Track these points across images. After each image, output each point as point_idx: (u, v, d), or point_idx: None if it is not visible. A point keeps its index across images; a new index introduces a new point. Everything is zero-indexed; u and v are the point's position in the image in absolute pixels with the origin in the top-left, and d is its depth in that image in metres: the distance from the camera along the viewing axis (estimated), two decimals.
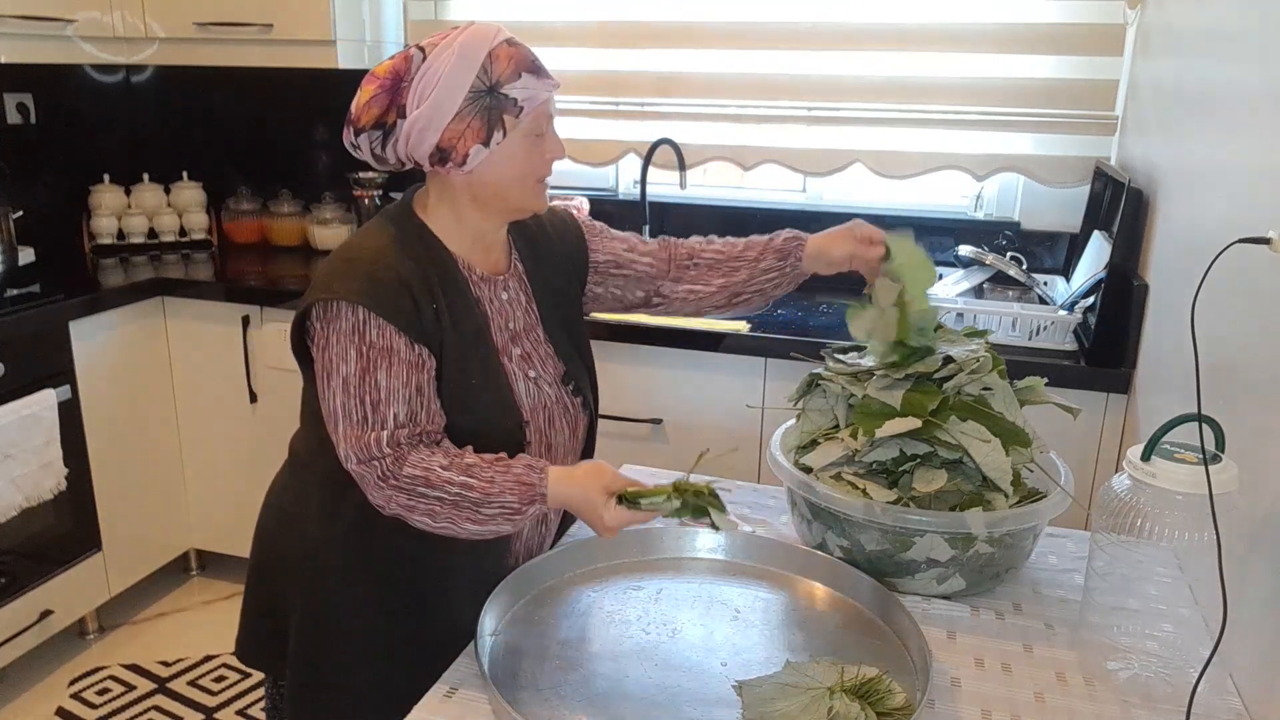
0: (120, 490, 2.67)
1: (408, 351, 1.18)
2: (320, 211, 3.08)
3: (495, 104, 1.17)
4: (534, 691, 1.10)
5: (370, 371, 1.16)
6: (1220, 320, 1.39)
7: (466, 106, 1.16)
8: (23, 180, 2.91)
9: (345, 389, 1.16)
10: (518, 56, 1.19)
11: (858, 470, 1.31)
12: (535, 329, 1.35)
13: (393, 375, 1.17)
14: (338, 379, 1.17)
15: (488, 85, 1.16)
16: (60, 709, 2.42)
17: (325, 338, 1.18)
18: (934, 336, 1.35)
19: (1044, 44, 2.43)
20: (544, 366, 1.34)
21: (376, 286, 1.16)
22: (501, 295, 1.31)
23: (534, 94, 1.19)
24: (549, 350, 1.35)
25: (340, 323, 1.17)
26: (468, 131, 1.17)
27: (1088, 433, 2.11)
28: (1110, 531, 1.12)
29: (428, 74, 1.17)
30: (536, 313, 1.35)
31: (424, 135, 1.18)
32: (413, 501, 1.16)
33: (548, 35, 2.78)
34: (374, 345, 1.16)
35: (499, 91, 1.17)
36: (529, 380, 1.31)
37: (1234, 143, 1.50)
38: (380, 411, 1.16)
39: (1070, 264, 2.53)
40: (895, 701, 1.05)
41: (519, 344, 1.32)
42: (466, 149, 1.17)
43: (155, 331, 2.74)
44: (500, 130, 1.18)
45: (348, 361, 1.16)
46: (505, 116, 1.17)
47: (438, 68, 1.16)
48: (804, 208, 2.84)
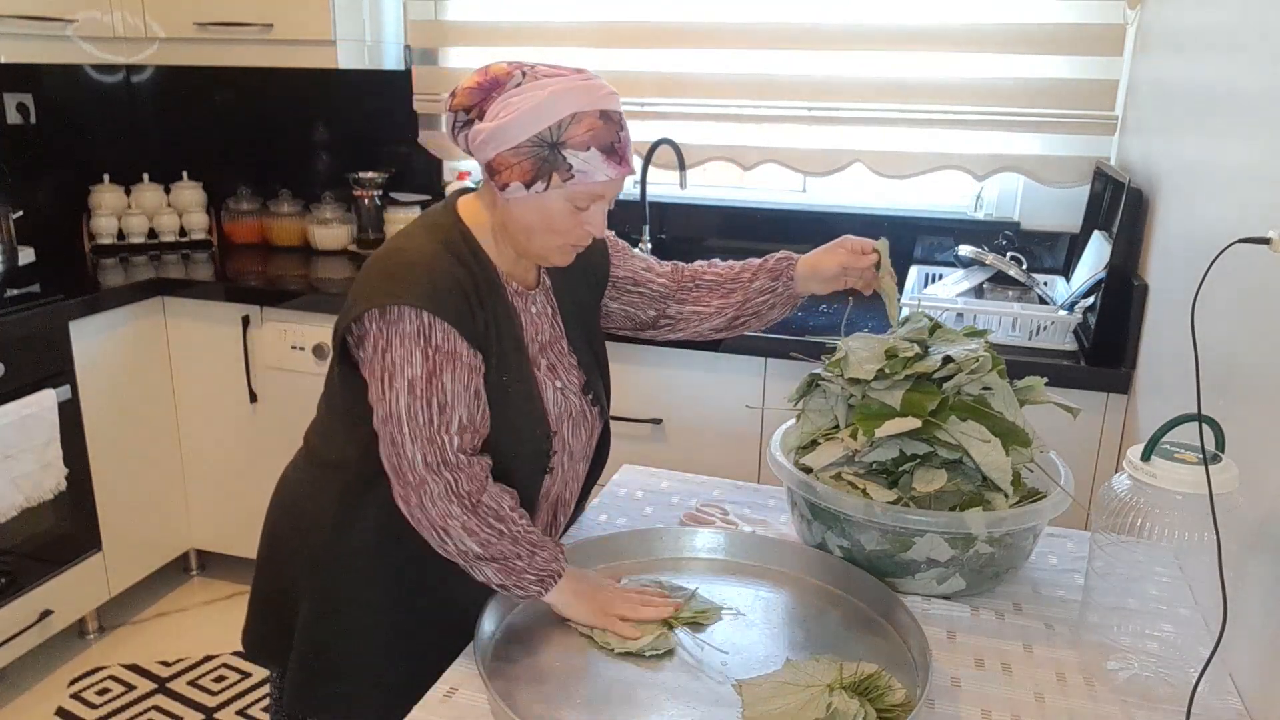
0: (120, 490, 2.67)
1: (468, 355, 1.20)
2: (320, 211, 3.08)
3: (551, 159, 1.16)
4: (534, 692, 1.10)
5: (437, 375, 1.17)
6: (1220, 320, 1.39)
7: (525, 146, 1.16)
8: (23, 180, 2.91)
9: (411, 391, 1.16)
10: (599, 132, 1.17)
11: (858, 470, 1.31)
12: (560, 341, 1.37)
13: (456, 379, 1.18)
14: (402, 381, 1.17)
15: (553, 140, 1.16)
16: (60, 709, 2.42)
17: (386, 340, 1.18)
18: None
19: (1044, 44, 2.43)
20: (568, 377, 1.36)
21: (438, 291, 1.18)
22: (532, 309, 1.33)
23: (592, 171, 1.17)
24: (572, 361, 1.37)
25: (404, 325, 1.17)
26: (516, 167, 1.17)
27: (1088, 433, 2.11)
28: (1110, 531, 1.12)
29: (512, 99, 1.16)
30: (561, 326, 1.37)
31: (484, 147, 1.19)
32: (478, 528, 1.17)
33: (548, 35, 2.78)
34: (439, 349, 1.17)
35: (560, 151, 1.16)
36: (556, 390, 1.33)
37: (1234, 143, 1.50)
38: (446, 414, 1.17)
39: (1070, 264, 2.53)
40: (895, 698, 1.05)
41: (546, 355, 1.34)
42: (509, 180, 1.18)
43: (155, 331, 2.74)
44: (544, 182, 1.17)
45: (413, 364, 1.16)
46: (555, 174, 1.17)
47: (522, 99, 1.16)
48: (804, 208, 2.84)
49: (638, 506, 1.59)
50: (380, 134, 3.12)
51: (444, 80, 2.94)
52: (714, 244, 2.89)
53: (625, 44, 2.72)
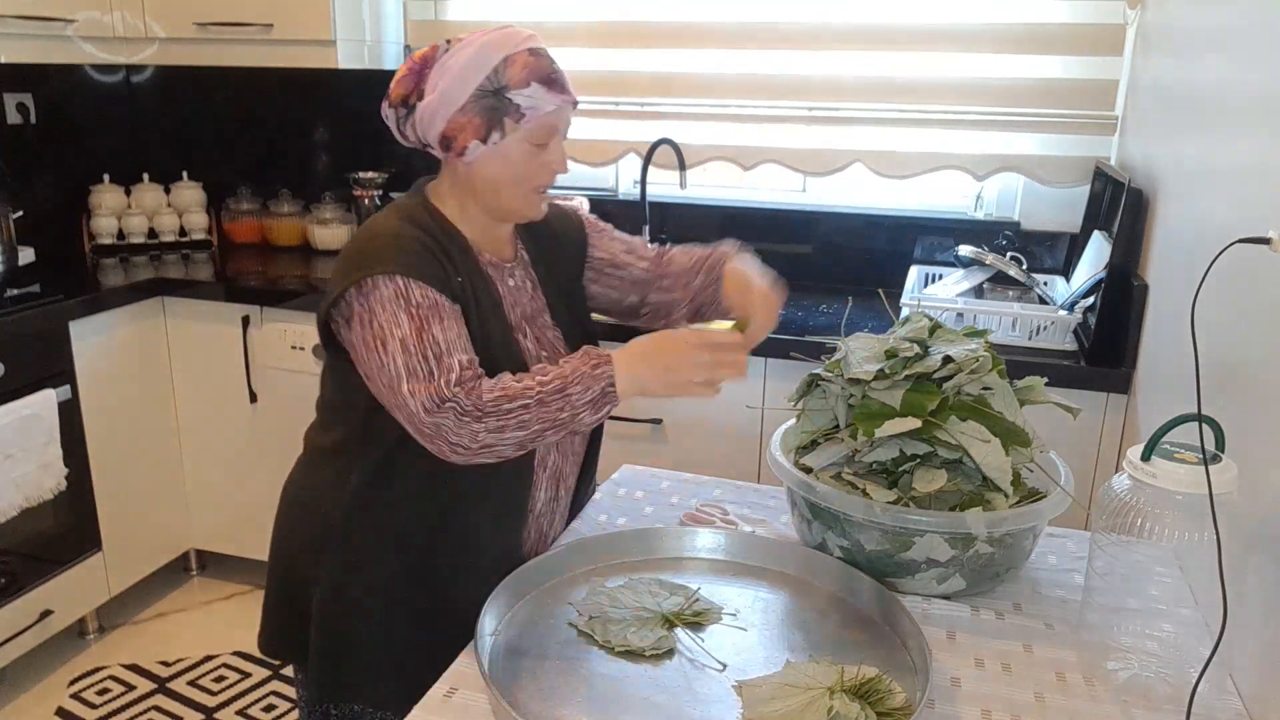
0: (120, 490, 2.67)
1: (450, 306, 1.22)
2: (320, 211, 3.08)
3: (499, 105, 1.21)
4: (534, 691, 1.10)
5: (426, 328, 1.18)
6: (1220, 320, 1.39)
7: (471, 103, 1.21)
8: (23, 180, 2.91)
9: (404, 349, 1.17)
10: (534, 66, 1.22)
11: (858, 470, 1.31)
12: (543, 314, 1.38)
13: (445, 327, 1.19)
14: (394, 343, 1.18)
15: (495, 87, 1.21)
16: (60, 709, 2.42)
17: (368, 311, 1.19)
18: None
19: (1044, 44, 2.43)
20: (555, 350, 1.37)
21: (407, 255, 1.20)
22: (509, 281, 1.35)
23: (539, 104, 1.22)
24: (557, 334, 1.39)
25: (381, 292, 1.19)
26: (468, 126, 1.22)
27: (1088, 433, 2.11)
28: (1110, 531, 1.12)
29: (445, 65, 1.22)
30: (544, 299, 1.39)
31: (433, 121, 1.23)
32: (502, 421, 1.17)
33: (548, 35, 2.77)
34: (421, 305, 1.19)
35: (504, 95, 1.21)
36: (541, 359, 1.34)
37: (1234, 143, 1.50)
38: (445, 362, 1.18)
39: (1070, 264, 2.53)
40: (895, 701, 1.05)
41: (530, 328, 1.35)
42: (466, 142, 1.22)
43: (155, 331, 2.74)
44: (499, 131, 1.22)
45: (400, 325, 1.18)
46: (506, 120, 1.22)
47: (454, 61, 1.21)
48: (804, 208, 2.84)
49: (638, 506, 1.59)
50: (380, 134, 3.07)
51: None
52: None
53: (625, 44, 2.72)
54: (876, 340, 1.38)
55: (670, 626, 1.21)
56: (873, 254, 2.77)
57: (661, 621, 1.21)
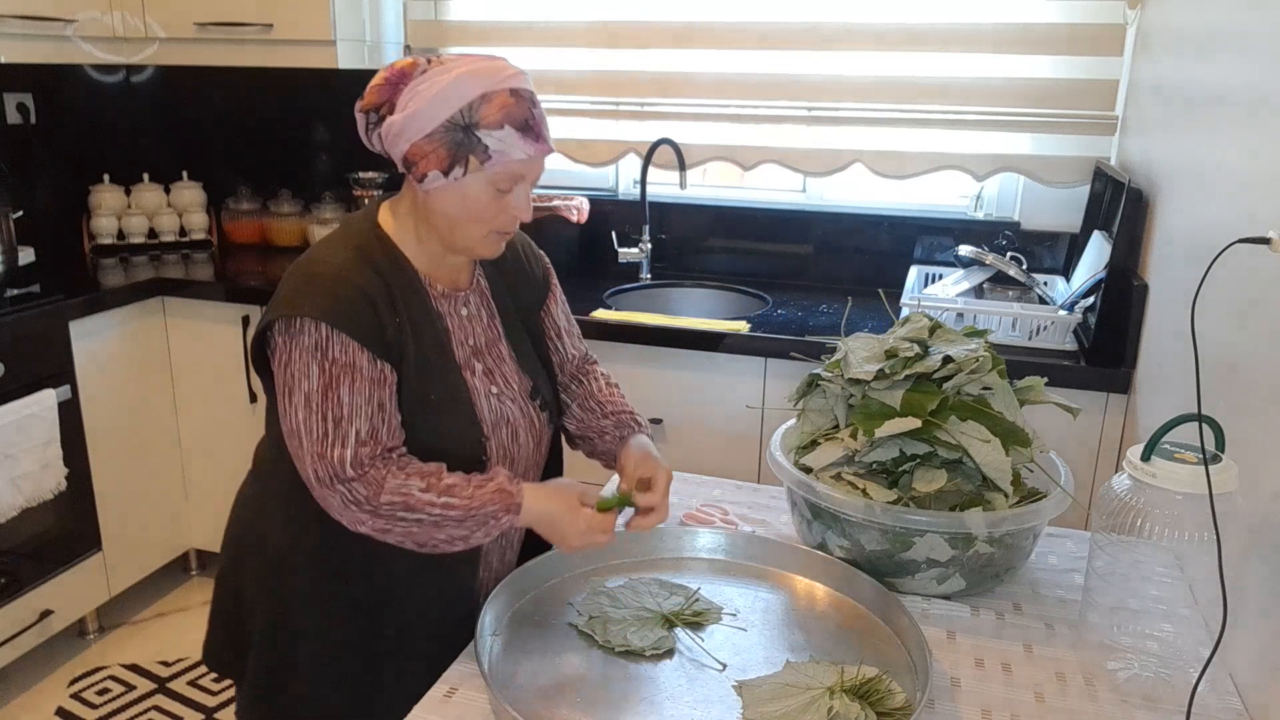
0: (120, 490, 2.67)
1: (370, 368, 1.17)
2: (320, 211, 3.08)
3: (466, 142, 1.15)
4: (534, 691, 1.10)
5: (333, 388, 1.15)
6: (1220, 320, 1.39)
7: (439, 132, 1.15)
8: (23, 180, 2.91)
9: (307, 405, 1.15)
10: (511, 109, 1.16)
11: (858, 470, 1.31)
12: (498, 344, 1.33)
13: (355, 391, 1.16)
14: (299, 395, 1.16)
15: (465, 122, 1.15)
16: (60, 709, 2.42)
17: (287, 353, 1.17)
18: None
19: (1044, 44, 2.43)
20: (507, 382, 1.32)
21: (339, 303, 1.16)
22: (462, 311, 1.30)
23: (508, 150, 1.16)
24: (513, 366, 1.34)
25: (303, 338, 1.16)
26: (432, 155, 1.16)
27: (1088, 433, 2.11)
28: (1110, 531, 1.12)
29: (419, 87, 1.16)
30: (499, 328, 1.34)
31: (397, 140, 1.18)
32: (390, 525, 1.16)
33: (548, 35, 2.78)
34: (336, 361, 1.16)
35: (473, 132, 1.15)
36: (491, 396, 1.30)
37: (1234, 143, 1.50)
38: (342, 428, 1.15)
39: (1070, 264, 2.53)
40: (895, 702, 1.05)
41: (481, 359, 1.31)
42: (426, 170, 1.17)
43: (155, 331, 2.74)
44: (462, 167, 1.16)
45: (309, 378, 1.15)
46: (471, 157, 1.16)
47: (429, 86, 1.15)
48: (804, 208, 2.84)
49: None
50: None
51: None
52: (714, 244, 2.89)
53: (625, 44, 2.72)
54: (876, 340, 1.38)
55: (670, 626, 1.21)
56: (873, 254, 2.77)
57: (661, 621, 1.21)
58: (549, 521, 1.20)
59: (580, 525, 1.20)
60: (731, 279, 2.83)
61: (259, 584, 1.33)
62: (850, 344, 1.39)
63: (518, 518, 1.19)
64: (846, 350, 1.37)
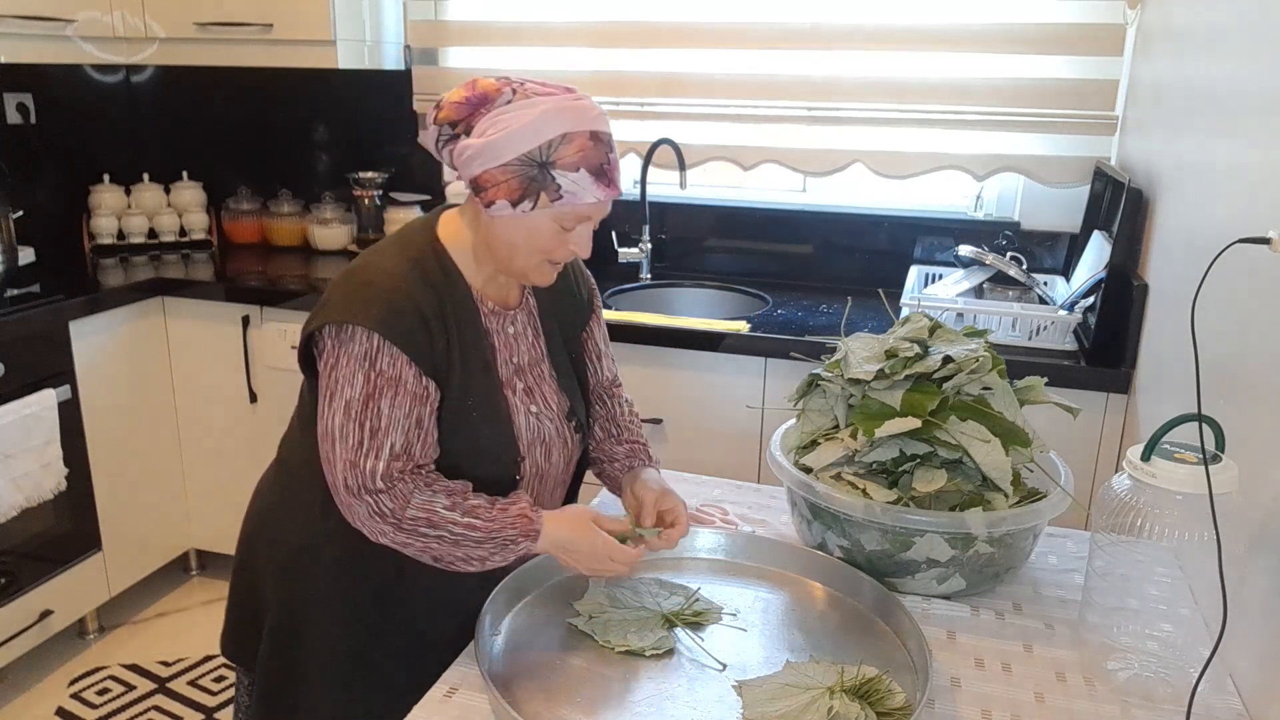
0: (120, 490, 2.67)
1: (415, 383, 1.18)
2: (320, 211, 3.08)
3: (540, 178, 1.15)
4: (534, 691, 1.10)
5: (374, 399, 1.16)
6: (1220, 320, 1.39)
7: (514, 164, 1.15)
8: (23, 180, 2.91)
9: (346, 412, 1.16)
10: (590, 152, 1.16)
11: (858, 470, 1.31)
12: (540, 363, 1.34)
13: (395, 405, 1.17)
14: (340, 401, 1.16)
15: (542, 160, 1.15)
16: (60, 709, 2.42)
17: (335, 357, 1.18)
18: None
19: (1044, 44, 2.43)
20: (546, 402, 1.33)
21: (393, 315, 1.17)
22: (509, 329, 1.31)
23: (580, 194, 1.16)
24: (553, 385, 1.35)
25: (353, 346, 1.16)
26: (503, 185, 1.15)
27: (1088, 433, 2.11)
28: (1110, 531, 1.12)
29: (502, 116, 1.15)
30: (543, 347, 1.35)
31: (470, 163, 1.17)
32: (411, 540, 1.17)
33: (548, 35, 2.78)
34: (383, 373, 1.16)
35: (549, 170, 1.15)
36: (530, 415, 1.31)
37: (1234, 143, 1.50)
38: (378, 439, 1.16)
39: (1070, 264, 2.53)
40: (895, 701, 1.05)
41: (523, 378, 1.31)
42: (495, 198, 1.16)
43: (155, 331, 2.74)
44: (531, 201, 1.16)
45: (353, 385, 1.16)
46: (542, 194, 1.16)
47: (513, 118, 1.14)
48: (804, 208, 2.84)
49: None
50: (380, 134, 3.12)
51: (444, 80, 2.94)
52: (714, 244, 2.89)
53: (625, 44, 2.72)
54: (876, 340, 1.38)
55: (670, 626, 1.21)
56: (873, 254, 2.77)
57: (661, 621, 1.21)
58: (567, 548, 1.21)
59: (600, 551, 1.21)
60: (731, 279, 2.83)
61: (275, 578, 1.34)
62: (850, 344, 1.39)
63: (535, 544, 1.20)
64: (846, 350, 1.37)
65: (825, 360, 1.42)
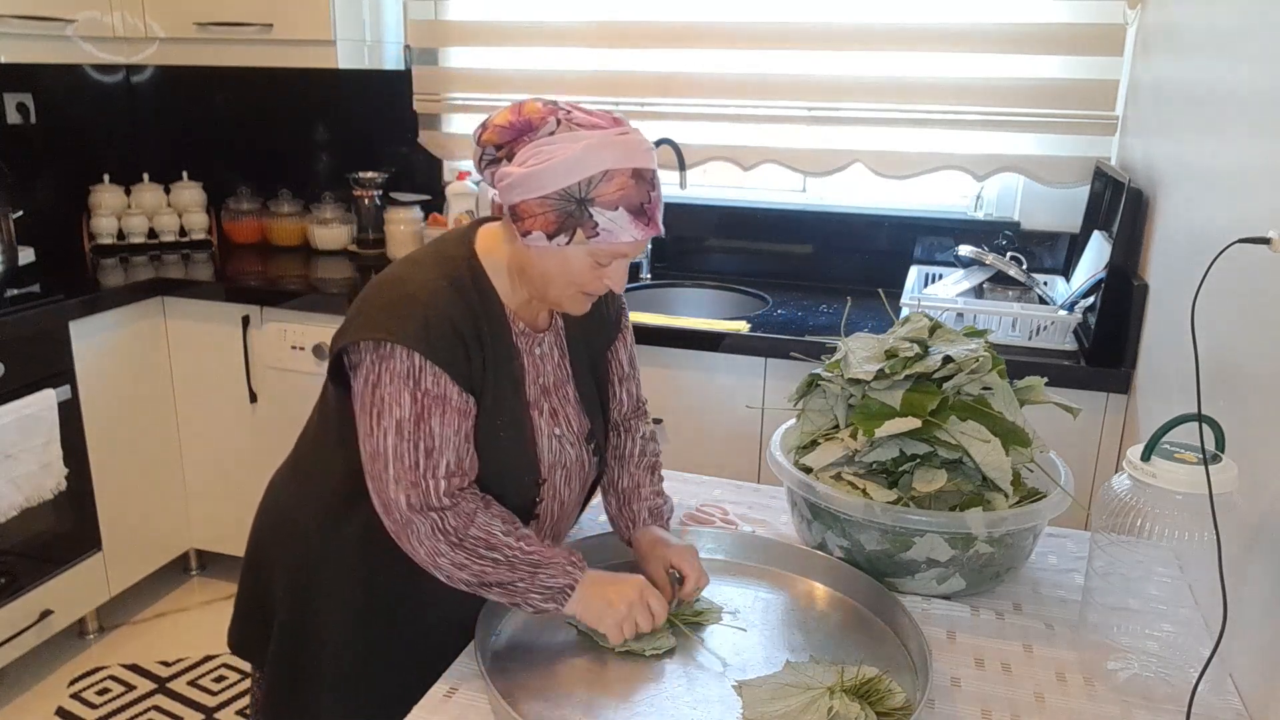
0: (120, 490, 2.67)
1: (459, 400, 1.18)
2: (320, 211, 3.08)
3: (577, 214, 1.13)
4: (534, 691, 1.10)
5: (425, 419, 1.15)
6: (1220, 320, 1.39)
7: (553, 198, 1.13)
8: (23, 180, 2.91)
9: (399, 432, 1.15)
10: (630, 193, 1.13)
11: (858, 470, 1.31)
12: (565, 385, 1.33)
13: (445, 423, 1.16)
14: (389, 420, 1.15)
15: (581, 196, 1.12)
16: (60, 709, 2.42)
17: (377, 375, 1.16)
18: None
19: (1044, 44, 2.43)
20: (569, 424, 1.32)
21: (432, 333, 1.16)
22: (536, 350, 1.30)
23: (617, 231, 1.14)
24: (577, 408, 1.34)
25: (394, 364, 1.15)
26: (540, 217, 1.14)
27: (1088, 433, 2.11)
28: (1110, 531, 1.12)
29: (546, 148, 1.13)
30: (568, 369, 1.34)
31: (510, 190, 1.16)
32: (468, 560, 1.16)
33: (548, 35, 2.78)
34: (429, 392, 1.16)
35: (587, 208, 1.13)
36: (553, 438, 1.30)
37: (1234, 143, 1.50)
38: (434, 458, 1.15)
39: (1070, 264, 2.53)
40: (895, 701, 1.05)
41: (549, 399, 1.30)
42: (531, 229, 1.15)
43: (155, 331, 2.74)
44: (567, 236, 1.14)
45: (401, 405, 1.15)
46: (579, 230, 1.14)
47: (557, 151, 1.12)
48: (804, 208, 2.84)
49: None
50: (380, 134, 3.12)
51: (444, 80, 2.93)
52: (714, 244, 2.89)
53: (625, 44, 2.72)
54: (876, 340, 1.38)
55: (670, 626, 1.21)
56: (873, 254, 2.77)
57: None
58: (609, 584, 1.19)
59: (635, 593, 1.18)
60: (731, 279, 2.83)
61: (287, 578, 1.34)
62: (850, 344, 1.39)
63: (581, 574, 1.18)
64: (846, 350, 1.37)
65: (825, 360, 1.42)
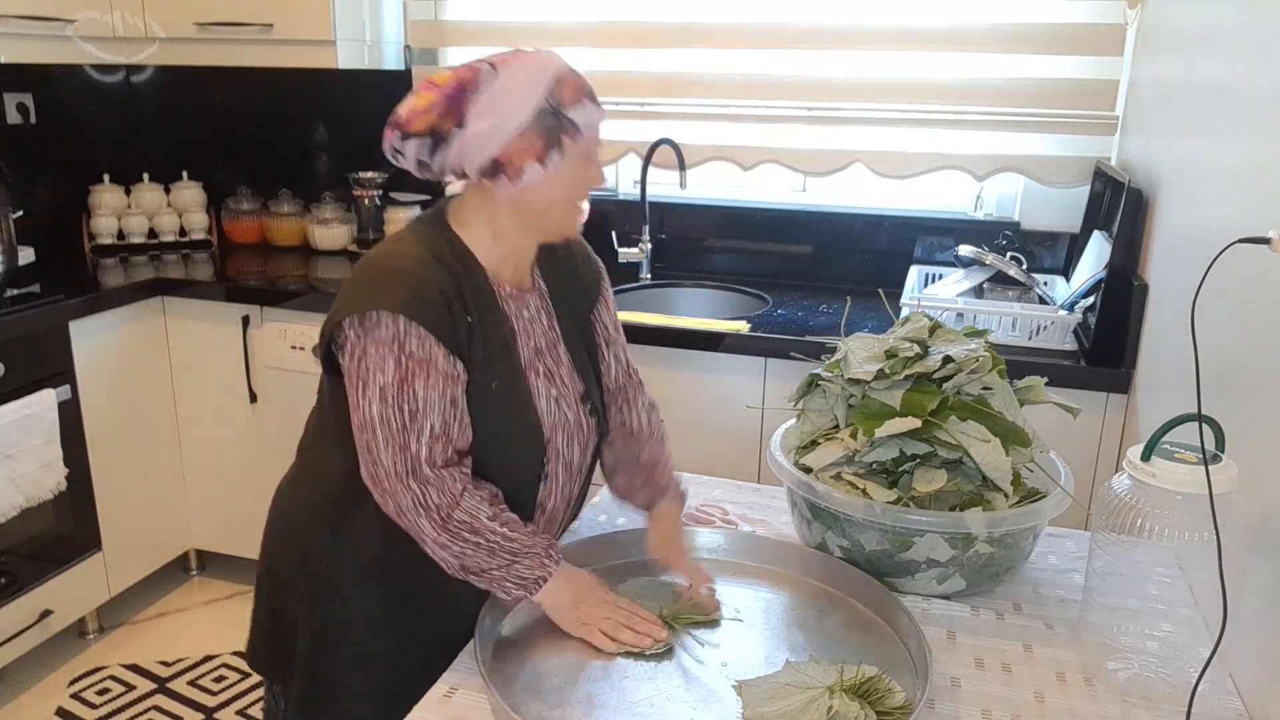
0: (120, 490, 2.67)
1: (445, 363, 1.18)
2: (320, 211, 3.08)
3: (557, 124, 1.19)
4: (534, 691, 1.10)
5: (408, 382, 1.16)
6: (1220, 320, 1.39)
7: (532, 123, 1.18)
8: (23, 180, 2.90)
9: (382, 397, 1.16)
10: (579, 83, 1.21)
11: (858, 470, 1.31)
12: (556, 346, 1.34)
13: (430, 386, 1.17)
14: (374, 388, 1.16)
15: (553, 106, 1.18)
16: (60, 709, 2.42)
17: (362, 347, 1.17)
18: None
19: (1044, 44, 2.43)
20: (564, 385, 1.33)
21: (417, 297, 1.17)
22: (525, 313, 1.31)
23: (591, 119, 1.21)
24: (570, 369, 1.35)
25: (380, 331, 1.16)
26: (528, 148, 1.18)
27: (1088, 433, 2.11)
28: (1110, 531, 1.12)
29: (498, 87, 1.18)
30: (558, 329, 1.35)
31: (483, 146, 1.18)
32: (450, 540, 1.17)
33: (548, 35, 2.78)
34: (413, 355, 1.16)
35: (562, 113, 1.19)
36: (550, 399, 1.31)
37: (1234, 143, 1.50)
38: (418, 422, 1.16)
39: (1070, 264, 2.53)
40: (895, 701, 1.05)
41: (542, 361, 1.31)
42: (523, 164, 1.18)
43: (155, 331, 2.74)
44: (558, 150, 1.19)
45: (385, 371, 1.16)
46: (564, 138, 1.19)
47: (511, 85, 1.17)
48: (804, 208, 2.84)
49: None
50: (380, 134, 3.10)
51: None
52: (714, 244, 2.89)
53: (625, 44, 2.72)
54: (876, 340, 1.38)
55: (670, 627, 1.21)
56: (873, 254, 2.77)
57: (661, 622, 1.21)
58: (583, 588, 1.22)
59: (611, 606, 1.20)
60: (731, 279, 2.83)
61: (304, 590, 1.33)
62: (850, 344, 1.39)
63: (556, 567, 1.20)
64: (846, 350, 1.37)
65: (825, 360, 1.42)
